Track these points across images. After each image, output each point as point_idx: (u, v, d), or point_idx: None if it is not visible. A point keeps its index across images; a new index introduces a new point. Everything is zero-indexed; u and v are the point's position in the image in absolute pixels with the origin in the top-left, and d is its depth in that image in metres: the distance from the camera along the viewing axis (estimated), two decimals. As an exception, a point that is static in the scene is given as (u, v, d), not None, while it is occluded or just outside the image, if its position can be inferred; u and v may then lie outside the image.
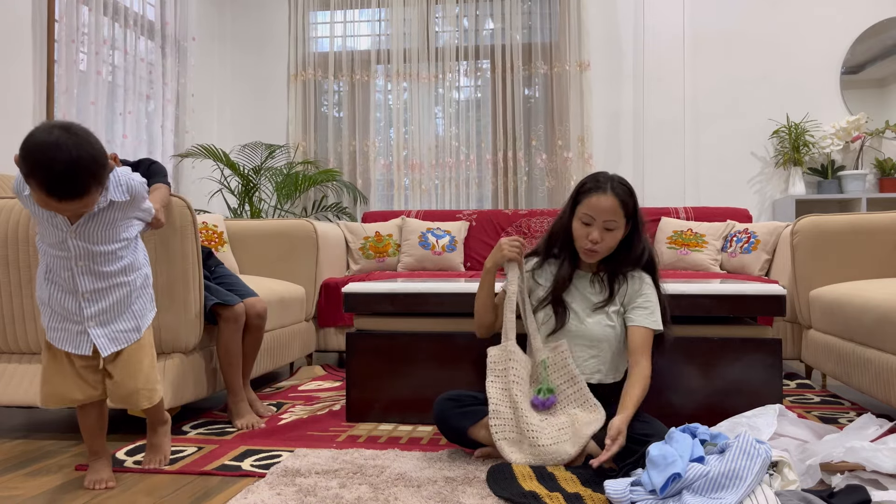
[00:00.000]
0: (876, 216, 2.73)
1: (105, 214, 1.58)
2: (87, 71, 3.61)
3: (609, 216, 1.80)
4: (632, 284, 1.89)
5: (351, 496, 1.52)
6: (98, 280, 1.60)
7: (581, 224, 1.84)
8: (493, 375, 1.84)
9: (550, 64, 4.69)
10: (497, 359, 1.85)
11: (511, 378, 1.81)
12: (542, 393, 1.82)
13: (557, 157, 4.63)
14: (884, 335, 2.02)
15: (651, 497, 1.40)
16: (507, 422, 1.77)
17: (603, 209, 1.80)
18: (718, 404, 2.07)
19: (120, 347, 1.65)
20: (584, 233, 1.83)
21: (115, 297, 1.63)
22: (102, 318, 1.62)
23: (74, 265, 1.57)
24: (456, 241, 3.93)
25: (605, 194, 1.81)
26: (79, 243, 1.56)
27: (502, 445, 1.75)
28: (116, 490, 1.62)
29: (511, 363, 1.83)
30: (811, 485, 1.54)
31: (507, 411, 1.78)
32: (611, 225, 1.81)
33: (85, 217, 1.54)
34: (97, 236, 1.57)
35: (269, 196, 4.64)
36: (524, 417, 1.76)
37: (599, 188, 1.82)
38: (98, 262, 1.59)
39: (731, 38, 4.59)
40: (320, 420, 2.28)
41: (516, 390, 1.80)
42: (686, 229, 3.77)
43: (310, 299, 3.35)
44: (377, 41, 4.88)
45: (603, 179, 1.84)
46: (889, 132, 4.34)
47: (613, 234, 1.83)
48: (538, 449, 1.73)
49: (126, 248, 1.64)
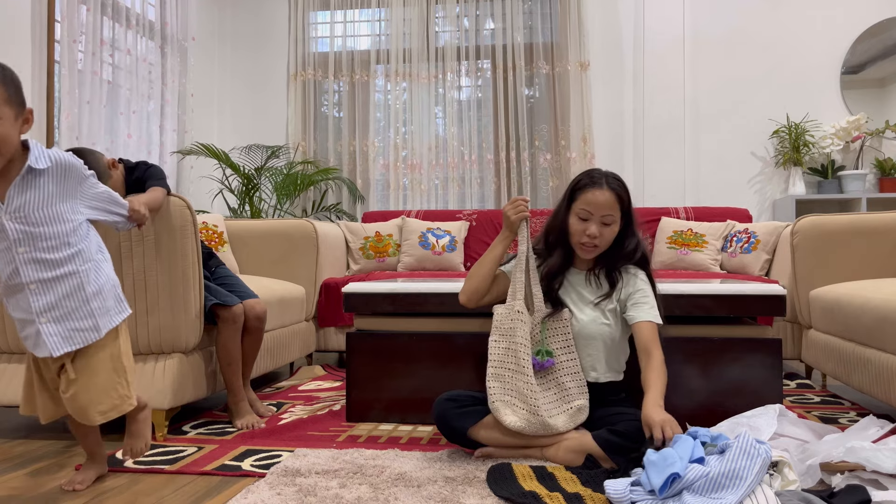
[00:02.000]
0: (876, 216, 2.73)
1: (34, 186, 1.48)
2: (85, 71, 3.61)
3: (606, 210, 1.82)
4: (627, 280, 1.89)
5: (351, 496, 1.52)
6: (43, 269, 1.50)
7: (578, 220, 1.85)
8: (498, 334, 1.84)
9: (552, 64, 4.69)
10: (503, 318, 1.85)
11: (518, 340, 1.81)
12: (540, 355, 1.82)
13: (561, 157, 4.64)
14: (884, 335, 2.02)
15: (651, 497, 1.40)
16: (507, 384, 1.78)
17: (600, 204, 1.81)
18: (718, 404, 2.07)
19: (74, 347, 1.54)
20: (582, 228, 1.84)
21: (65, 289, 1.53)
22: (55, 314, 1.52)
23: (16, 253, 1.49)
24: (456, 241, 3.93)
25: (601, 189, 1.82)
26: (14, 225, 1.47)
27: (498, 407, 1.76)
28: (116, 490, 1.62)
29: (519, 323, 1.82)
30: (811, 485, 1.54)
31: (508, 374, 1.79)
32: (608, 219, 1.83)
33: (13, 190, 1.46)
34: (34, 216, 1.48)
35: (269, 196, 4.64)
36: (529, 382, 1.76)
37: (595, 184, 1.83)
38: (40, 249, 1.50)
39: (732, 38, 4.59)
40: (320, 420, 2.28)
41: (523, 353, 1.79)
42: (686, 229, 3.77)
43: (310, 299, 3.35)
44: (377, 41, 4.88)
45: (598, 175, 1.85)
46: (889, 132, 4.33)
47: (611, 228, 1.84)
48: (535, 417, 1.74)
49: (74, 233, 1.54)
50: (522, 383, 1.77)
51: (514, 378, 1.79)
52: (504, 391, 1.78)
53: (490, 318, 1.92)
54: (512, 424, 1.74)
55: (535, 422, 1.74)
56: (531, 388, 1.76)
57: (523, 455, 1.79)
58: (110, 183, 2.04)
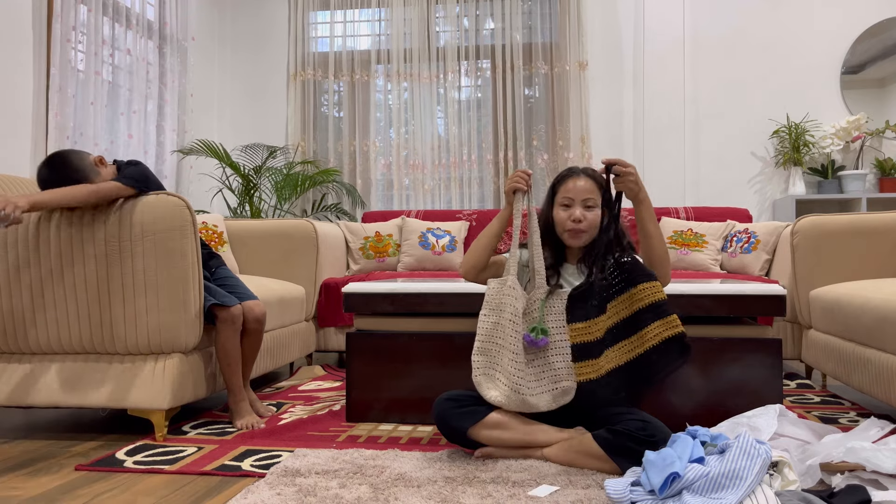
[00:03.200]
0: (876, 216, 2.73)
1: None
2: (86, 71, 3.61)
3: (587, 195, 1.90)
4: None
5: (351, 496, 1.52)
6: None
7: (562, 209, 1.92)
8: (488, 309, 1.86)
9: (551, 64, 4.69)
10: (495, 292, 1.86)
11: (507, 316, 1.82)
12: (535, 332, 1.83)
13: (559, 157, 4.63)
14: (884, 335, 2.02)
15: (651, 497, 1.40)
16: (492, 359, 1.80)
17: (580, 189, 1.91)
18: (718, 404, 2.07)
19: None
20: (567, 215, 1.91)
21: None
22: None
23: None
24: (456, 241, 3.93)
25: (580, 177, 1.93)
26: None
27: (480, 381, 1.78)
28: (116, 490, 1.62)
29: (509, 298, 1.84)
30: (811, 485, 1.54)
31: (495, 349, 1.80)
32: (590, 203, 1.90)
33: None
34: None
35: (269, 196, 4.64)
36: (515, 360, 1.78)
37: (573, 173, 1.95)
38: None
39: (732, 38, 4.59)
40: (320, 420, 2.28)
41: (510, 329, 1.81)
42: (686, 229, 3.77)
43: (310, 299, 3.35)
44: (377, 41, 4.88)
45: (575, 168, 1.98)
46: (889, 132, 4.33)
47: (594, 212, 1.91)
48: (517, 395, 1.77)
49: None
50: (507, 360, 1.79)
51: (500, 353, 1.80)
52: (488, 365, 1.80)
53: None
54: (493, 399, 1.76)
55: (515, 399, 1.77)
56: (516, 366, 1.78)
57: (523, 455, 1.79)
58: (99, 179, 2.04)
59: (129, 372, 2.07)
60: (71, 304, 2.06)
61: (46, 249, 2.05)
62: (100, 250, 2.04)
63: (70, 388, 2.07)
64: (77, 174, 2.01)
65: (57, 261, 2.05)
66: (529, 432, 1.80)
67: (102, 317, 2.05)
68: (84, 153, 2.10)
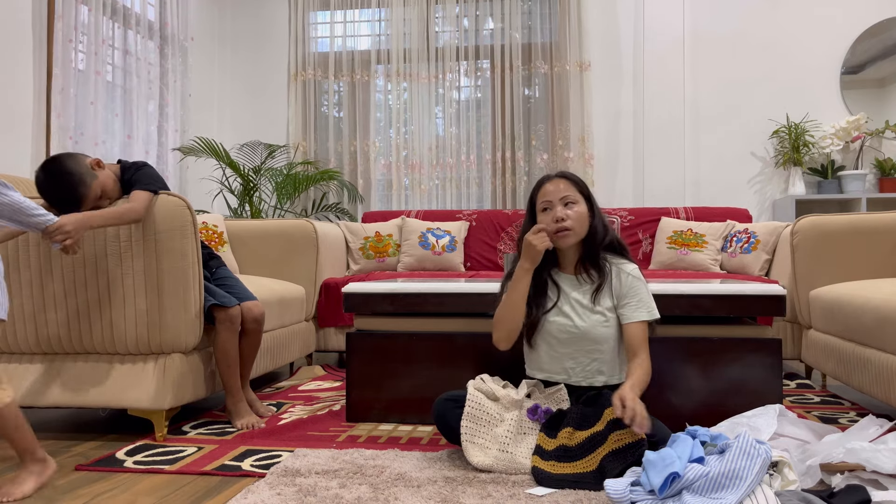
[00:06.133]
0: (876, 216, 2.73)
1: None
2: (86, 71, 3.61)
3: (564, 193, 1.88)
4: (617, 275, 1.89)
5: (351, 496, 1.52)
6: None
7: (543, 214, 1.90)
8: (482, 396, 1.82)
9: (550, 64, 4.69)
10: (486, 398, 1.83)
11: (508, 418, 1.80)
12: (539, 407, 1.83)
13: (558, 157, 4.63)
14: (884, 335, 2.02)
15: (651, 497, 1.40)
16: (481, 426, 1.76)
17: (556, 189, 1.89)
18: (718, 404, 2.07)
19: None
20: (550, 217, 1.87)
21: None
22: None
23: None
24: (456, 241, 3.93)
25: (553, 179, 1.92)
26: None
27: (467, 448, 1.73)
28: (117, 490, 1.62)
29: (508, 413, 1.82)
30: (811, 485, 1.54)
31: (485, 417, 1.77)
32: (569, 199, 1.88)
33: None
34: None
35: (269, 196, 4.64)
36: (509, 430, 1.75)
37: (547, 178, 1.94)
38: None
39: (731, 38, 4.59)
40: (320, 420, 2.28)
41: (510, 417, 1.79)
42: (686, 229, 3.77)
43: (310, 299, 3.35)
44: (377, 41, 4.88)
45: (548, 174, 1.97)
46: (889, 132, 4.34)
47: (577, 208, 1.87)
48: (506, 455, 1.72)
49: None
50: (502, 431, 1.76)
51: (491, 423, 1.77)
52: (476, 433, 1.76)
53: (490, 318, 1.93)
54: (479, 464, 1.71)
55: (504, 458, 1.72)
56: (509, 436, 1.75)
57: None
58: (97, 182, 2.03)
59: (130, 372, 2.07)
60: (71, 304, 2.06)
61: (47, 249, 2.05)
62: (100, 250, 2.04)
63: (70, 388, 2.07)
64: (73, 178, 2.00)
65: (57, 260, 2.05)
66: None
67: (102, 317, 2.05)
68: (81, 156, 2.09)
